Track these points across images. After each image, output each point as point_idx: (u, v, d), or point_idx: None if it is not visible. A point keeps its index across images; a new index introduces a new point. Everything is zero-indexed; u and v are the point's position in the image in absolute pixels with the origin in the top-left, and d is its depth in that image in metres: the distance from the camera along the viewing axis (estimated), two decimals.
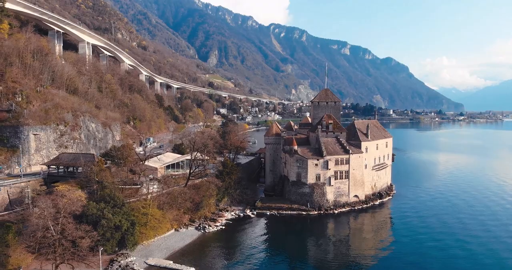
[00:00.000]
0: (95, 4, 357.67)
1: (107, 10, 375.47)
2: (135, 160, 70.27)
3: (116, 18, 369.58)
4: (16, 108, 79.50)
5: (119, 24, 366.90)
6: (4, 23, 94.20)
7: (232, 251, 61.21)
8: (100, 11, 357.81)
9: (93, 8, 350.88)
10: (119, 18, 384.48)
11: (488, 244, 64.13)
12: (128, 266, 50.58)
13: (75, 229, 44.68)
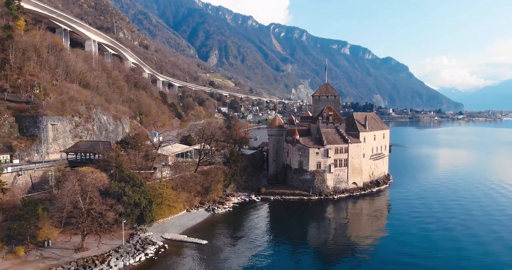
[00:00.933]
0: (97, 4, 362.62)
1: (109, 9, 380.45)
2: (149, 147, 75.34)
3: (118, 18, 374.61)
4: (34, 100, 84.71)
5: (121, 24, 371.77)
6: (20, 20, 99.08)
7: (239, 230, 66.12)
8: (102, 10, 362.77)
9: (95, 7, 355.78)
10: (120, 18, 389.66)
11: (472, 228, 67.17)
12: (147, 239, 55.69)
13: (101, 203, 49.69)
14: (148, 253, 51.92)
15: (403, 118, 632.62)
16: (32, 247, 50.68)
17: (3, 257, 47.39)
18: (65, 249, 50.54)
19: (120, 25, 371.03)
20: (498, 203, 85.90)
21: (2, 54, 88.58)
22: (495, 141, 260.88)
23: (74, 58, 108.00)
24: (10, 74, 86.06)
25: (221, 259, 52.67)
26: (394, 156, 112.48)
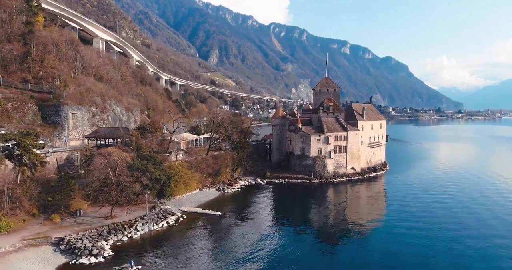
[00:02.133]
0: (99, 3, 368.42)
1: (112, 9, 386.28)
2: (163, 134, 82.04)
3: (120, 17, 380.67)
4: (55, 91, 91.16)
5: (123, 23, 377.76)
6: (39, 16, 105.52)
7: (247, 208, 72.35)
8: (105, 9, 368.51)
9: (98, 7, 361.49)
10: (123, 17, 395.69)
11: (459, 213, 73.24)
12: (167, 210, 62.24)
13: (128, 175, 56.23)
14: (169, 221, 58.56)
15: (402, 117, 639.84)
16: (66, 216, 57.22)
17: (41, 223, 53.87)
18: (96, 217, 57.12)
19: (123, 24, 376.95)
20: (489, 187, 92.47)
21: (24, 48, 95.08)
22: (489, 136, 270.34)
23: (89, 53, 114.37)
24: (33, 67, 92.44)
25: (232, 227, 59.04)
26: (392, 148, 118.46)
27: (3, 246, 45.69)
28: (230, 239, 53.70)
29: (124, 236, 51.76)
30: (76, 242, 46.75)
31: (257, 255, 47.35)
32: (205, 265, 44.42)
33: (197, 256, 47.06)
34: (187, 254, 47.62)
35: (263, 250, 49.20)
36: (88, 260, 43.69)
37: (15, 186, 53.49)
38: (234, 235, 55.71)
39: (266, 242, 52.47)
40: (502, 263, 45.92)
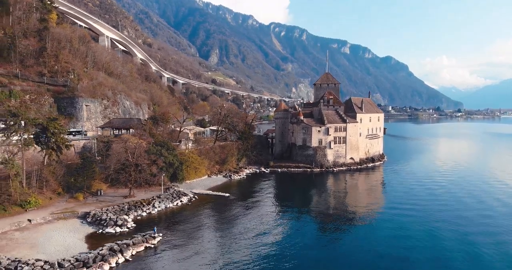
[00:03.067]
0: (102, 3, 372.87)
1: (114, 8, 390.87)
2: (174, 125, 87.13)
3: (122, 16, 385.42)
4: (70, 84, 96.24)
5: (125, 22, 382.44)
6: (53, 13, 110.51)
7: (252, 193, 76.96)
8: (107, 9, 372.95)
9: (100, 6, 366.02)
10: (125, 16, 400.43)
11: (456, 193, 77.96)
12: (180, 191, 67.26)
13: (145, 158, 61.26)
14: (182, 201, 63.61)
15: (402, 116, 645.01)
16: (88, 195, 62.26)
17: (66, 201, 58.90)
18: (116, 197, 62.17)
19: (124, 24, 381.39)
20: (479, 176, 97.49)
21: (40, 43, 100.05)
22: (484, 133, 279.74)
23: (100, 49, 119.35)
24: (48, 61, 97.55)
25: (239, 207, 63.76)
26: (390, 142, 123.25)
27: (35, 218, 50.71)
28: (237, 217, 58.51)
29: (143, 212, 56.82)
30: (101, 215, 51.81)
31: (259, 232, 51.09)
32: (215, 237, 49.24)
33: (208, 230, 52.04)
34: (200, 228, 52.61)
35: (266, 228, 53.04)
36: (113, 230, 48.67)
37: (42, 167, 58.53)
38: (240, 213, 60.55)
39: (268, 221, 56.68)
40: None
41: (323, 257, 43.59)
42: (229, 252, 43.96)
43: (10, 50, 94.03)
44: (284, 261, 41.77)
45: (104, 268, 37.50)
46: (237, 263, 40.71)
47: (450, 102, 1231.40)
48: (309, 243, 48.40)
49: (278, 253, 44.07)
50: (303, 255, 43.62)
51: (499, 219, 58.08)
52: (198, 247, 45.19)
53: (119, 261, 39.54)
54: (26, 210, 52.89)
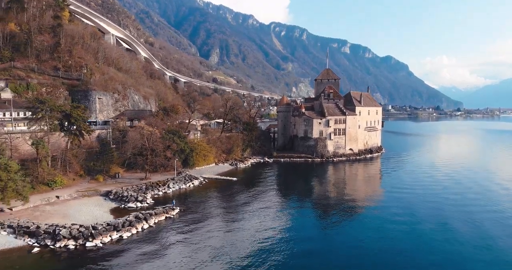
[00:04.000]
0: (104, 2, 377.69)
1: (116, 7, 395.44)
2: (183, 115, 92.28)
3: (124, 16, 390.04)
4: (83, 78, 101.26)
5: (127, 22, 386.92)
6: (65, 11, 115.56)
7: (257, 179, 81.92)
8: (109, 8, 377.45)
9: (102, 5, 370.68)
10: (127, 16, 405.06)
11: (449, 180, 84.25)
12: (191, 175, 72.39)
13: (160, 143, 66.38)
14: (194, 183, 68.92)
15: (401, 115, 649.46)
16: (107, 178, 67.35)
17: (88, 182, 64.04)
18: (133, 179, 67.31)
19: (126, 23, 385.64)
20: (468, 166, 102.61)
21: (54, 39, 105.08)
22: (478, 129, 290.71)
23: (110, 45, 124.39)
24: (62, 56, 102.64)
25: (245, 190, 68.72)
26: (389, 137, 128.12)
27: (62, 195, 55.83)
28: (243, 197, 63.53)
29: (160, 191, 62.01)
30: (123, 193, 56.94)
31: (262, 211, 55.86)
32: (224, 212, 54.31)
33: (218, 207, 57.19)
34: (210, 205, 57.84)
35: (269, 207, 57.74)
36: (135, 205, 53.78)
37: (66, 151, 63.61)
38: (246, 194, 65.71)
39: (271, 200, 61.85)
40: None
41: (318, 237, 46.62)
42: (236, 221, 49.57)
43: (27, 46, 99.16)
44: (283, 232, 46.43)
45: (132, 232, 42.72)
46: (241, 231, 45.98)
47: (450, 101, 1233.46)
48: (307, 225, 51.26)
49: (278, 225, 49.18)
50: (299, 233, 46.57)
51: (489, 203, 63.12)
52: (210, 220, 50.35)
53: (144, 227, 44.76)
54: (53, 188, 57.96)
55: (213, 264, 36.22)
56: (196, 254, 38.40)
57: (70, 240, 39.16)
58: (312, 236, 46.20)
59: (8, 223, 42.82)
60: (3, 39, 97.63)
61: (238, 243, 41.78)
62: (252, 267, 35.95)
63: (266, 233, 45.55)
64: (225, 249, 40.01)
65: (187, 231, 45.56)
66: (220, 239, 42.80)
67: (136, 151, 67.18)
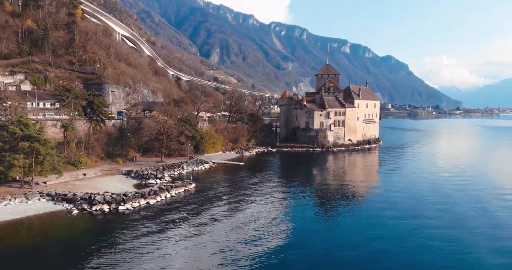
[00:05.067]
0: (106, 1, 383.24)
1: (118, 7, 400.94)
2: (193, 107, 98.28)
3: (126, 15, 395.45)
4: (97, 72, 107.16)
5: (129, 21, 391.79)
6: (78, 9, 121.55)
7: (262, 164, 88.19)
8: (112, 8, 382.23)
9: (104, 5, 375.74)
10: (129, 15, 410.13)
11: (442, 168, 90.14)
12: (202, 160, 78.35)
13: (175, 128, 72.33)
14: (205, 166, 74.84)
15: (401, 114, 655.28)
16: (126, 161, 73.22)
17: (109, 163, 69.92)
18: (149, 162, 73.23)
19: (129, 22, 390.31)
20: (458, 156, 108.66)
21: (69, 35, 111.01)
22: (473, 125, 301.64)
23: (119, 42, 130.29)
24: (77, 51, 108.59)
25: (251, 173, 74.42)
26: (388, 132, 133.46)
27: (88, 173, 61.72)
28: (249, 178, 69.26)
29: (175, 172, 68.00)
30: (143, 172, 62.90)
31: (266, 187, 61.98)
32: (233, 189, 59.95)
33: (228, 185, 63.15)
34: (221, 183, 63.90)
35: (272, 188, 63.72)
36: (154, 181, 59.68)
37: (89, 135, 69.51)
38: (252, 176, 71.58)
39: (274, 182, 67.55)
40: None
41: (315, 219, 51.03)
42: (242, 196, 55.56)
43: (44, 41, 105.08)
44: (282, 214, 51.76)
45: (157, 199, 48.85)
46: (245, 203, 51.92)
47: (450, 101, 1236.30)
48: (306, 210, 52.19)
49: (279, 201, 55.07)
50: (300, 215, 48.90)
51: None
52: (221, 193, 56.30)
53: (167, 196, 50.87)
54: (78, 168, 63.83)
55: (225, 226, 41.58)
56: (211, 220, 43.79)
57: (104, 204, 45.05)
58: (309, 217, 47.30)
59: (47, 192, 48.71)
60: (22, 35, 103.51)
61: (244, 214, 47.01)
62: (253, 229, 41.26)
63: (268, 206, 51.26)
64: (234, 216, 45.65)
65: (202, 201, 51.43)
66: (230, 208, 48.56)
67: (152, 137, 73.03)
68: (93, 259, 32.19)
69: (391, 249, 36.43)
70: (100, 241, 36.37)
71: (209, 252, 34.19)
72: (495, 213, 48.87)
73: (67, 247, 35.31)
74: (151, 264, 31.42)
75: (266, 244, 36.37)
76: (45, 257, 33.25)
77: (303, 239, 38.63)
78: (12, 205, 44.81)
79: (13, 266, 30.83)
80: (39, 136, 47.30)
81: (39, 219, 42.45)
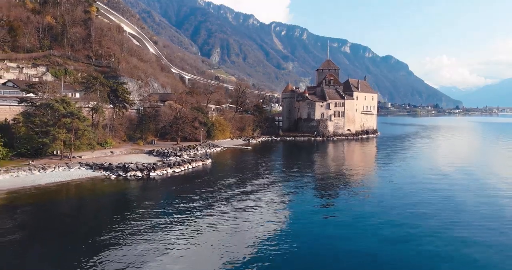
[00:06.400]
0: (109, 1, 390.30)
1: (121, 7, 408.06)
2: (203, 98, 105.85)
3: (129, 15, 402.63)
4: (113, 65, 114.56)
5: (131, 20, 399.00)
6: (93, 6, 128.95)
7: (267, 150, 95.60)
8: (115, 7, 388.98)
9: (107, 4, 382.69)
10: (131, 15, 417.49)
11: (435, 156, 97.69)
12: (213, 144, 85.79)
13: (190, 114, 79.79)
14: (216, 149, 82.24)
15: (401, 112, 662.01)
16: (145, 143, 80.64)
17: (131, 145, 77.34)
18: (166, 145, 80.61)
19: (131, 22, 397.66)
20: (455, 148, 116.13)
21: (85, 31, 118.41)
22: (469, 121, 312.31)
23: (131, 38, 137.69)
24: (94, 46, 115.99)
25: (258, 155, 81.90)
26: (385, 126, 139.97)
27: (115, 152, 69.10)
28: (256, 159, 76.79)
29: (191, 152, 75.41)
30: (163, 151, 70.34)
31: (270, 168, 69.70)
32: (242, 167, 67.39)
33: (238, 163, 70.61)
34: (232, 161, 71.31)
35: (275, 168, 71.54)
36: (174, 158, 66.93)
37: (113, 119, 76.91)
38: (258, 158, 78.80)
39: (278, 165, 75.32)
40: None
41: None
42: (250, 170, 62.89)
43: (63, 36, 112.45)
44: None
45: (181, 168, 56.43)
46: (253, 176, 59.26)
47: (449, 101, 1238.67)
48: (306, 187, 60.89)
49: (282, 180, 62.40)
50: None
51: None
52: (233, 169, 63.93)
53: (189, 167, 58.44)
54: (105, 148, 71.20)
55: (233, 193, 48.07)
56: (224, 187, 50.79)
57: (137, 171, 52.50)
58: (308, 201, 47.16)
59: (85, 162, 56.12)
60: (42, 30, 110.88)
61: (252, 184, 54.81)
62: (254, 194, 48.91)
63: (274, 180, 58.90)
64: (244, 185, 53.15)
65: (218, 172, 58.98)
66: (240, 179, 55.74)
67: (169, 122, 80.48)
68: (130, 209, 39.04)
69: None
70: (136, 197, 43.91)
71: (221, 210, 39.71)
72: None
73: (107, 201, 42.82)
74: (175, 216, 36.47)
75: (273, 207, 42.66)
76: (89, 209, 40.56)
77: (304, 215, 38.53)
78: (57, 172, 52.21)
79: (64, 215, 37.72)
80: (79, 114, 54.65)
81: (82, 182, 49.83)
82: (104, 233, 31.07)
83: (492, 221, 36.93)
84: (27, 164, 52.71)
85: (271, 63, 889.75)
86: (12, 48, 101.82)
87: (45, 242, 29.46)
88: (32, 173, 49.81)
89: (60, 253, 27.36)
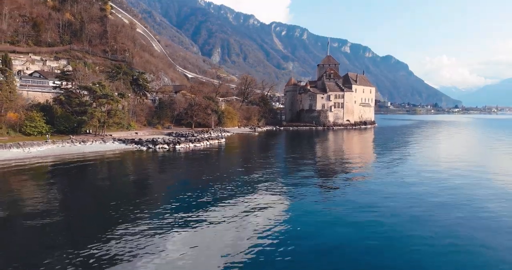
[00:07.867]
0: (113, 1, 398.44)
1: (124, 6, 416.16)
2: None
3: (132, 14, 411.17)
4: (127, 59, 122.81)
5: (136, 20, 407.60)
6: (107, 4, 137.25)
7: (271, 137, 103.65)
8: (117, 7, 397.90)
9: (115, 4, 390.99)
10: (134, 14, 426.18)
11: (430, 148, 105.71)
12: (224, 130, 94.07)
13: (203, 102, 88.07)
14: (227, 134, 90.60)
15: (400, 111, 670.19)
16: (163, 128, 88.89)
17: (151, 129, 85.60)
18: (182, 129, 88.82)
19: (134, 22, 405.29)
20: None
21: (101, 28, 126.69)
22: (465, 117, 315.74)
23: (143, 35, 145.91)
24: (109, 42, 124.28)
25: (263, 139, 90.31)
26: (384, 121, 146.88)
27: (139, 132, 77.34)
28: (262, 141, 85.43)
29: (205, 135, 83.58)
30: (181, 133, 78.59)
31: (276, 148, 77.76)
32: (251, 146, 76.00)
33: (248, 144, 78.97)
34: (241, 142, 79.56)
35: (280, 152, 79.65)
36: (193, 137, 75.37)
37: (135, 105, 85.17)
38: (264, 141, 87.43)
39: (281, 150, 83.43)
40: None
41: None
42: (258, 149, 71.07)
43: (82, 32, 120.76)
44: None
45: (201, 144, 64.80)
46: (259, 155, 67.51)
47: (449, 101, 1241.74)
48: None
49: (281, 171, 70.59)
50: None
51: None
52: (243, 148, 72.27)
53: (207, 143, 66.99)
54: (129, 130, 79.44)
55: (242, 165, 57.20)
56: (235, 160, 59.56)
57: (164, 144, 60.76)
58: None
59: (118, 138, 64.36)
60: (62, 26, 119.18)
61: (259, 162, 63.12)
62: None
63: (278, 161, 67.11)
64: (251, 163, 61.42)
65: (230, 148, 67.37)
66: (248, 156, 64.36)
67: (184, 109, 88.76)
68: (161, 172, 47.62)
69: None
70: (164, 164, 52.25)
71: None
72: None
73: (139, 167, 51.05)
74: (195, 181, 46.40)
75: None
76: (126, 171, 48.69)
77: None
78: (95, 144, 60.46)
79: (105, 175, 45.85)
80: (112, 95, 62.84)
81: (117, 152, 58.04)
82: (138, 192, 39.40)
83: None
84: (68, 138, 60.93)
85: (271, 63, 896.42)
86: (36, 43, 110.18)
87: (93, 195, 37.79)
88: (75, 145, 58.04)
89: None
